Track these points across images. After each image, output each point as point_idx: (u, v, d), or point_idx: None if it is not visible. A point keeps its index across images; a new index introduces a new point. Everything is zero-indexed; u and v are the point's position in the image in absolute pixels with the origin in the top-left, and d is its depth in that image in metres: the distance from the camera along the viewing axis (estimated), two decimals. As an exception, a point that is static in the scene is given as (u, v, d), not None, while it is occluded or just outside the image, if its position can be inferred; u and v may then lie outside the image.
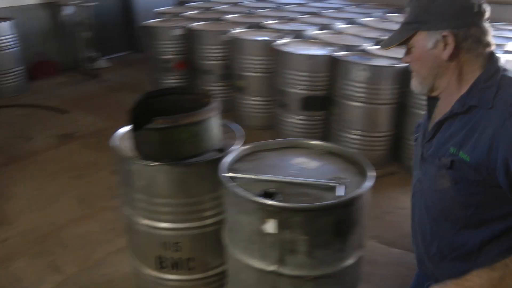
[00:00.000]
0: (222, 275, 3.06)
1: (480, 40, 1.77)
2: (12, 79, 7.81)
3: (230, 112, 6.90)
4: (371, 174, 2.41)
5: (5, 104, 7.22)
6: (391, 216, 4.51)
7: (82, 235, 4.29)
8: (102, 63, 9.48)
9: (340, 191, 2.28)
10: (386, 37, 2.02)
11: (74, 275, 3.76)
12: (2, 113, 6.92)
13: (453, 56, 1.78)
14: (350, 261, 2.36)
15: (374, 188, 2.38)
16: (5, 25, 7.68)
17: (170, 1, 10.83)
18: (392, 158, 5.58)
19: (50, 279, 3.71)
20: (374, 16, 8.04)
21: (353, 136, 5.34)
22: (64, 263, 3.90)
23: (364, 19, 7.50)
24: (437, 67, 1.83)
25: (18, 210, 4.63)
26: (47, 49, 8.89)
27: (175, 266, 2.99)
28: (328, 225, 2.21)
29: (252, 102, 6.52)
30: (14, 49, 7.82)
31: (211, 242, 2.95)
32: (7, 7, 8.22)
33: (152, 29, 7.33)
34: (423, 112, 2.15)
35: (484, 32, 1.77)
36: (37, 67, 8.58)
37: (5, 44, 7.70)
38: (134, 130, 2.69)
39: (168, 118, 2.55)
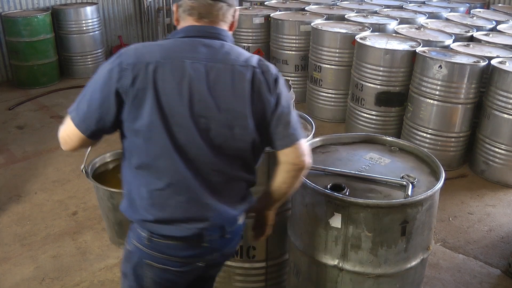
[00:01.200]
0: (282, 265, 3.10)
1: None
2: (92, 60, 8.24)
3: (304, 103, 6.93)
4: (442, 175, 2.37)
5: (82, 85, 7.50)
6: (459, 220, 4.41)
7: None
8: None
9: (410, 191, 2.27)
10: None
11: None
12: (78, 94, 7.21)
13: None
14: (413, 263, 2.35)
15: (443, 190, 2.35)
16: (91, 9, 8.10)
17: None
18: (465, 160, 5.43)
19: (113, 255, 3.87)
20: (459, 11, 7.80)
21: (426, 134, 5.24)
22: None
23: (447, 14, 7.28)
24: None
25: (88, 186, 4.82)
26: (127, 33, 9.22)
27: (236, 254, 3.05)
28: (395, 223, 2.20)
29: (326, 94, 6.50)
30: (96, 32, 8.22)
31: (273, 232, 2.99)
32: (93, -8, 8.59)
33: (233, 16, 7.42)
34: (503, 114, 2.11)
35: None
36: (115, 51, 8.86)
37: (89, 28, 8.11)
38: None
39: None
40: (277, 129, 1.96)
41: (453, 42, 5.67)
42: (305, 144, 2.02)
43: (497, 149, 4.98)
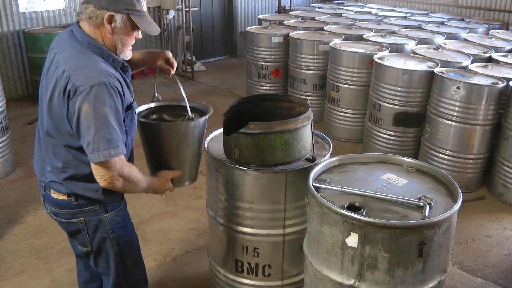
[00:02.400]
0: (298, 285, 3.09)
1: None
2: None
3: (321, 122, 6.93)
4: (460, 197, 2.35)
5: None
6: (477, 243, 4.35)
7: (163, 231, 4.47)
8: (199, 66, 9.79)
9: (427, 212, 2.25)
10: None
11: (152, 269, 3.92)
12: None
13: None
14: (430, 285, 2.32)
15: (461, 212, 2.33)
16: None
17: (272, 8, 11.03)
18: (483, 182, 5.38)
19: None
20: (477, 31, 7.79)
21: (444, 155, 5.20)
22: (144, 256, 4.09)
23: (466, 35, 7.27)
24: None
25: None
26: (148, 49, 9.32)
27: (252, 271, 3.05)
28: (412, 245, 2.18)
29: (344, 114, 6.51)
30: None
31: (289, 251, 2.99)
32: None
33: (252, 35, 7.50)
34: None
35: None
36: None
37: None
38: (226, 133, 2.75)
39: (261, 123, 2.59)
40: None
41: (471, 63, 5.66)
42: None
43: (516, 172, 4.93)
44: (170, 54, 2.75)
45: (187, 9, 8.95)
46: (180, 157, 2.67)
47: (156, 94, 2.89)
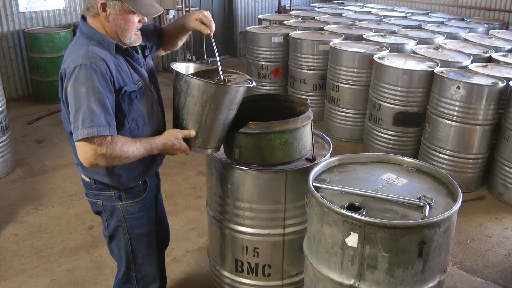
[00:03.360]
0: (298, 284, 3.09)
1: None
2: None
3: (321, 122, 6.94)
4: (460, 197, 2.35)
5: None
6: (477, 243, 4.35)
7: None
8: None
9: (427, 212, 2.25)
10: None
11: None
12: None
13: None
14: (430, 284, 2.32)
15: (461, 212, 2.33)
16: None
17: (272, 8, 11.02)
18: (483, 182, 5.38)
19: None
20: (477, 31, 7.79)
21: (444, 155, 5.20)
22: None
23: (466, 34, 7.28)
24: None
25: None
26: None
27: (252, 271, 3.05)
28: (412, 244, 2.18)
29: (344, 114, 6.51)
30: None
31: (289, 251, 2.99)
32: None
33: (252, 35, 7.50)
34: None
35: None
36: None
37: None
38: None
39: (261, 123, 2.59)
40: None
41: (471, 62, 5.66)
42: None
43: (516, 172, 4.93)
44: (204, 13, 2.65)
45: (187, 9, 8.95)
46: (203, 120, 2.54)
47: (205, 58, 2.86)
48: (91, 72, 2.24)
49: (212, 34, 2.66)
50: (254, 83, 2.67)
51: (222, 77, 2.55)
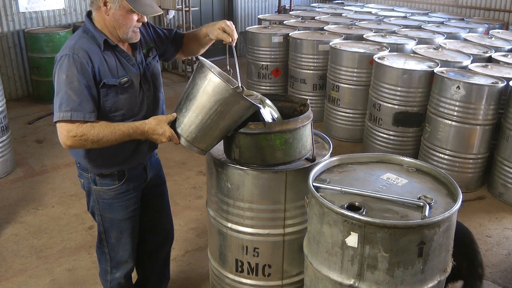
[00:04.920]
0: (298, 285, 3.09)
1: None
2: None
3: (321, 122, 6.94)
4: (460, 196, 2.35)
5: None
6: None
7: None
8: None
9: (427, 212, 2.25)
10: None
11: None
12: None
13: None
14: (430, 284, 2.32)
15: (461, 212, 2.33)
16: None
17: (272, 8, 11.02)
18: (483, 182, 5.39)
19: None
20: (477, 31, 7.79)
21: (444, 155, 5.20)
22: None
23: (466, 34, 7.28)
24: None
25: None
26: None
27: (252, 271, 3.05)
28: (412, 244, 2.18)
29: (344, 114, 6.51)
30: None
31: (289, 251, 2.99)
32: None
33: (252, 35, 7.50)
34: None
35: None
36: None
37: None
38: (227, 133, 2.75)
39: (261, 123, 2.59)
40: None
41: (471, 62, 5.66)
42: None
43: (516, 172, 4.93)
44: (227, 23, 2.72)
45: (187, 9, 8.95)
46: (205, 118, 2.53)
47: (228, 67, 2.88)
48: (72, 62, 2.42)
49: (234, 44, 2.74)
50: (262, 107, 2.66)
51: (240, 86, 2.59)
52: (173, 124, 2.59)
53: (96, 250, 3.10)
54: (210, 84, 2.48)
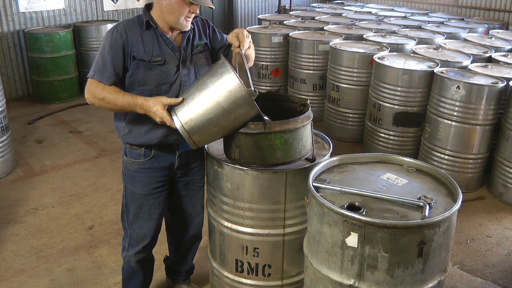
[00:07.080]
0: (298, 285, 3.09)
1: None
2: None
3: (321, 122, 6.93)
4: (460, 197, 2.35)
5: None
6: (477, 243, 4.35)
7: (163, 231, 4.42)
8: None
9: (427, 212, 2.25)
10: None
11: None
12: (97, 109, 7.33)
13: None
14: (430, 284, 2.32)
15: (461, 212, 2.33)
16: (112, 26, 8.21)
17: (272, 8, 11.02)
18: (483, 182, 5.39)
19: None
20: (477, 31, 7.79)
21: (444, 155, 5.20)
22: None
23: (466, 34, 7.28)
24: None
25: (105, 201, 4.90)
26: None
27: (252, 271, 3.05)
28: (412, 244, 2.18)
29: (344, 114, 6.51)
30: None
31: (289, 251, 2.99)
32: (114, 10, 8.76)
33: (252, 35, 7.47)
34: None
35: None
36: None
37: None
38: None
39: (261, 123, 2.59)
40: None
41: (471, 62, 5.66)
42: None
43: (516, 172, 4.93)
44: (242, 30, 2.80)
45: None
46: (208, 109, 2.53)
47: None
48: (110, 34, 2.77)
49: (243, 51, 2.79)
50: (267, 118, 2.64)
51: (253, 89, 2.60)
52: (176, 107, 2.60)
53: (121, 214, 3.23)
54: (225, 80, 2.50)
